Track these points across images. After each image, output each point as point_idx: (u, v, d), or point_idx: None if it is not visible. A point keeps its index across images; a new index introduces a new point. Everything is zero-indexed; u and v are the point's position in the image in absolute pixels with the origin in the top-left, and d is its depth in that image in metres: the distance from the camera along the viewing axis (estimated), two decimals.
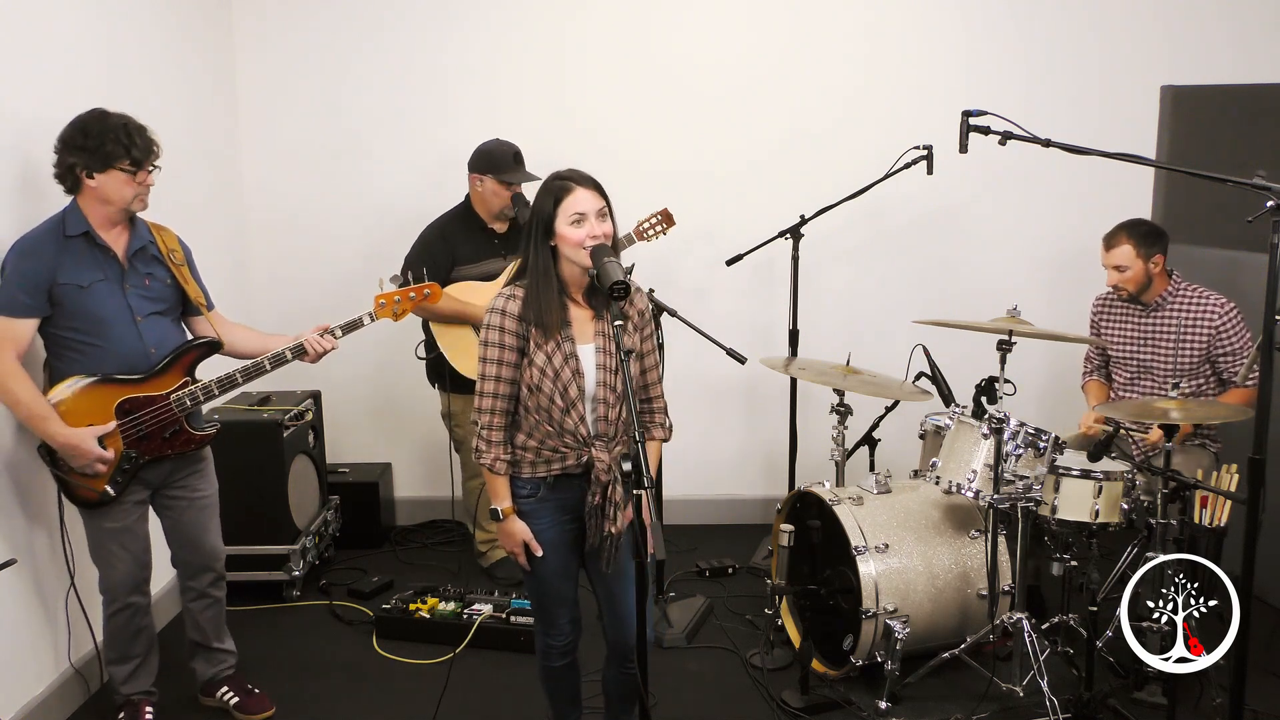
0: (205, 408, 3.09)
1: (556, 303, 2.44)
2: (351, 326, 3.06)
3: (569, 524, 2.55)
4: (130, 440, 2.85)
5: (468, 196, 4.05)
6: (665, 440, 2.67)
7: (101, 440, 2.80)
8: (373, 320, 3.07)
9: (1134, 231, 3.60)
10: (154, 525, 3.08)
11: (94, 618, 3.19)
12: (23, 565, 2.99)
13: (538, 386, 2.44)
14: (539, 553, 2.52)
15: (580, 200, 2.41)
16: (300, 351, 3.00)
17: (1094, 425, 3.67)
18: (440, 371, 4.03)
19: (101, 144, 2.71)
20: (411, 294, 3.10)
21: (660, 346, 3.52)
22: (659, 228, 3.99)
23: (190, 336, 3.03)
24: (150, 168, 2.81)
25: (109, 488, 2.85)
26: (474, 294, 3.89)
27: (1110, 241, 3.64)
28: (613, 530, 2.47)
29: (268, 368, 2.97)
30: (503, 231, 4.02)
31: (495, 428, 2.49)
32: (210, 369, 3.01)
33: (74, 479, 2.84)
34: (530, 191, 3.93)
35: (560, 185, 2.44)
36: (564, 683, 2.74)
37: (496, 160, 3.92)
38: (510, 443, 2.51)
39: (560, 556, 2.57)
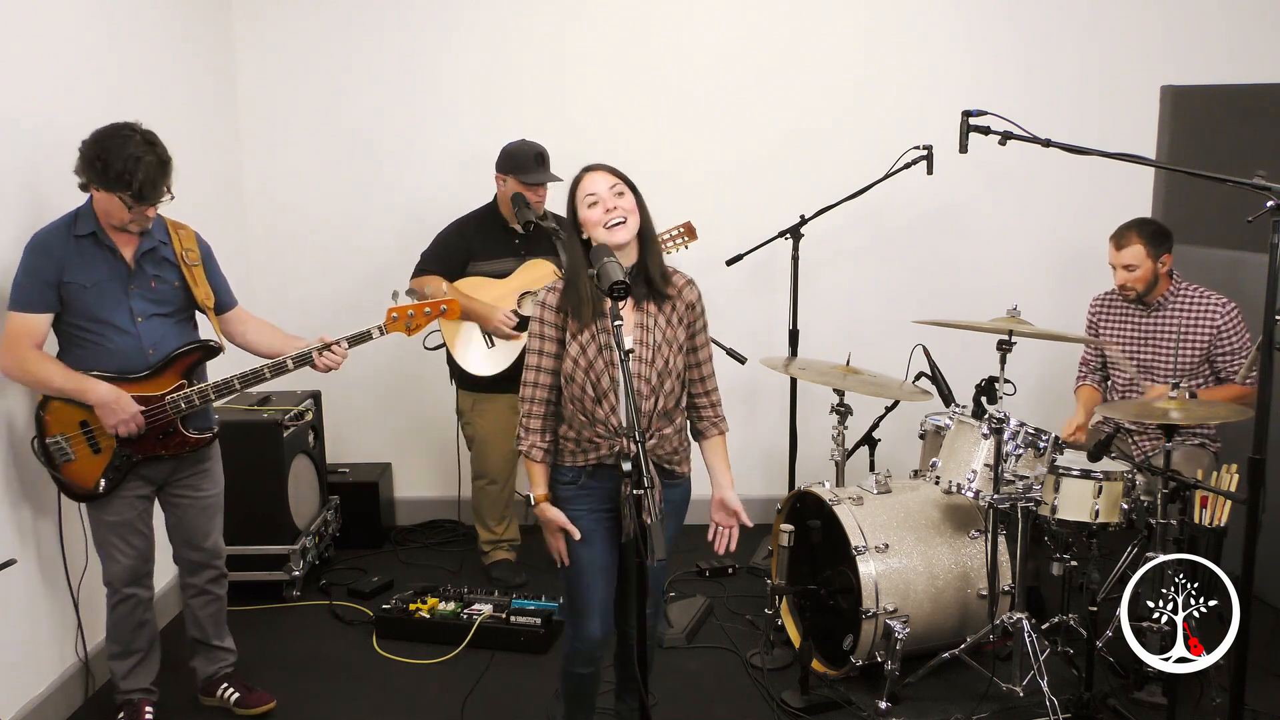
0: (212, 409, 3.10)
1: (590, 294, 2.47)
2: (358, 339, 3.02)
3: (607, 515, 2.57)
4: (124, 439, 2.85)
5: (495, 196, 4.04)
6: (724, 433, 2.69)
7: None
8: (382, 334, 3.01)
9: (1144, 230, 3.60)
10: (158, 520, 3.09)
11: (97, 614, 3.19)
12: (25, 564, 3.00)
13: (571, 377, 2.49)
14: (577, 536, 2.53)
15: (591, 182, 2.48)
16: (305, 360, 2.98)
17: (1075, 436, 3.68)
18: (456, 367, 4.03)
19: (107, 168, 2.70)
20: (427, 309, 3.05)
21: None
22: (679, 241, 3.96)
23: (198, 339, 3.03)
24: (151, 204, 2.78)
25: (102, 481, 2.86)
26: (483, 290, 3.89)
27: (1120, 240, 3.63)
28: (647, 521, 2.47)
29: (267, 375, 2.96)
30: (524, 232, 4.01)
31: (534, 415, 2.56)
32: (229, 366, 3.00)
33: (65, 475, 2.86)
34: (548, 190, 3.97)
35: (576, 176, 2.54)
36: (582, 690, 2.73)
37: (518, 161, 3.91)
38: (552, 433, 2.57)
39: (594, 548, 2.57)
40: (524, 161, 3.91)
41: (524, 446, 2.57)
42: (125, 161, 2.68)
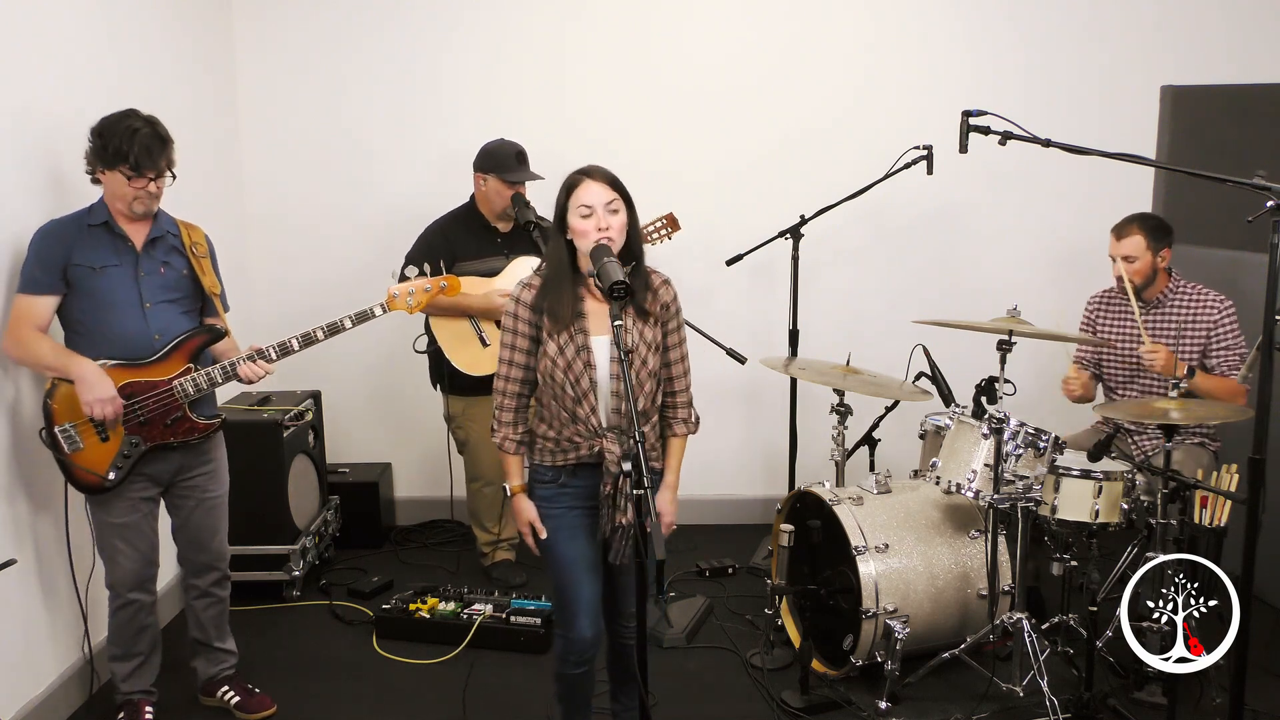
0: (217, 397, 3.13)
1: (570, 295, 2.48)
2: (362, 318, 3.06)
3: (588, 513, 2.57)
4: (132, 426, 2.86)
5: (473, 195, 4.05)
6: (691, 434, 2.68)
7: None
8: (385, 312, 3.07)
9: (1146, 223, 3.62)
10: (163, 521, 3.10)
11: (97, 614, 3.20)
12: (25, 564, 3.00)
13: (550, 376, 2.49)
14: (543, 534, 2.56)
15: (588, 193, 2.45)
16: (310, 341, 3.01)
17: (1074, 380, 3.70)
18: (441, 372, 4.03)
19: (106, 144, 2.79)
20: (428, 286, 3.11)
21: None
22: (663, 232, 3.98)
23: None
24: (151, 176, 2.83)
25: (110, 473, 2.86)
26: (476, 288, 3.89)
27: (1121, 231, 3.64)
28: (623, 521, 2.48)
29: (274, 357, 2.99)
30: (506, 230, 4.01)
31: (506, 409, 2.58)
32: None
33: (75, 463, 2.85)
34: (534, 190, 3.97)
35: (573, 179, 2.50)
36: (577, 690, 2.72)
37: (499, 159, 3.92)
38: (525, 425, 2.59)
39: (578, 544, 2.57)
40: (505, 160, 3.91)
41: (498, 439, 2.60)
42: (122, 135, 2.78)
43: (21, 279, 2.85)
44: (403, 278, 3.17)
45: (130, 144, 2.77)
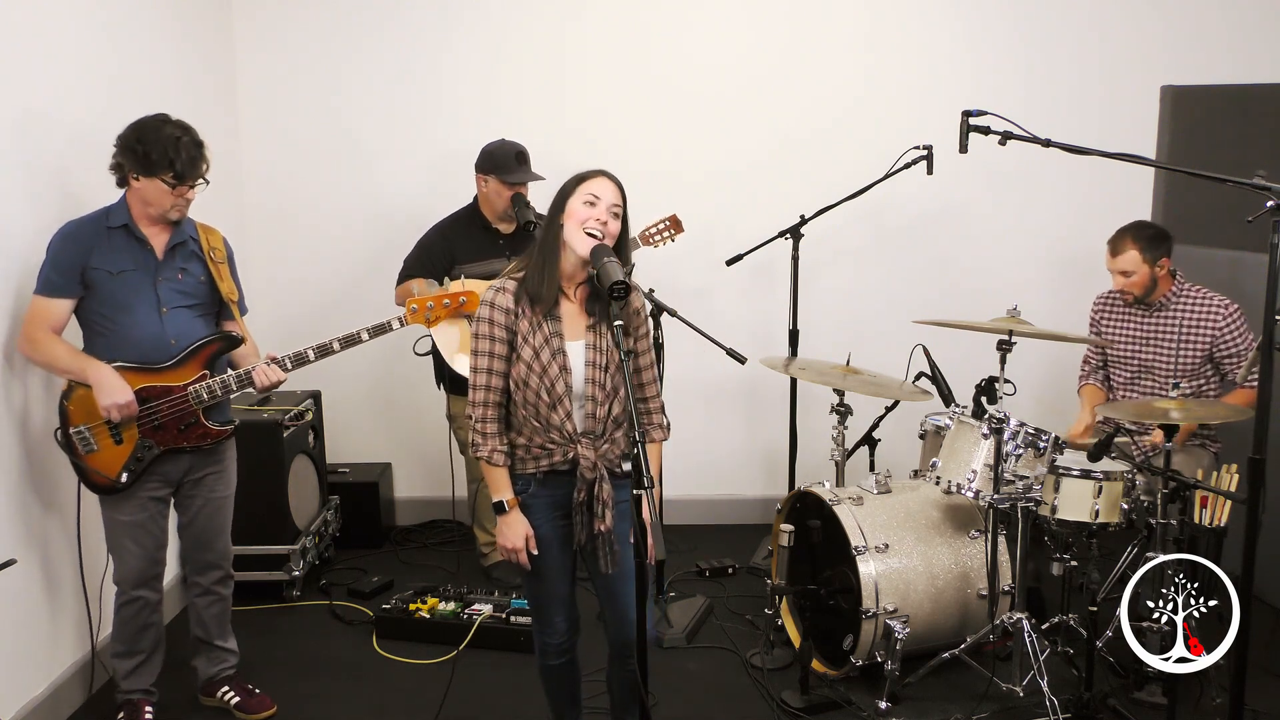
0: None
1: (553, 280, 2.46)
2: (379, 330, 3.07)
3: (560, 520, 2.56)
4: (146, 430, 2.87)
5: (476, 197, 4.04)
6: (664, 440, 2.68)
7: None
8: (402, 325, 3.09)
9: (1140, 235, 3.59)
10: (170, 523, 3.10)
11: (106, 614, 3.20)
12: (29, 564, 3.00)
13: (525, 381, 2.46)
14: (535, 551, 2.53)
15: (600, 185, 2.46)
16: (326, 352, 3.04)
17: (1084, 436, 3.67)
18: (444, 373, 4.03)
19: (149, 152, 2.80)
20: (446, 300, 3.10)
21: (660, 346, 3.53)
22: (667, 234, 3.98)
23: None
24: (192, 184, 2.86)
25: (123, 475, 2.87)
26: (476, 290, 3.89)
27: (1116, 247, 3.62)
28: (601, 528, 2.48)
29: (289, 367, 3.00)
30: (508, 232, 4.01)
31: (490, 420, 2.50)
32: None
33: (89, 465, 2.85)
34: (536, 191, 3.96)
35: (587, 172, 2.51)
36: (562, 681, 2.74)
37: (499, 160, 3.91)
38: (506, 435, 2.53)
39: (554, 553, 2.57)
40: (505, 161, 3.90)
41: (484, 453, 2.49)
42: (165, 144, 2.80)
43: (38, 280, 2.86)
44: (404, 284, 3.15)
45: (176, 152, 2.79)
